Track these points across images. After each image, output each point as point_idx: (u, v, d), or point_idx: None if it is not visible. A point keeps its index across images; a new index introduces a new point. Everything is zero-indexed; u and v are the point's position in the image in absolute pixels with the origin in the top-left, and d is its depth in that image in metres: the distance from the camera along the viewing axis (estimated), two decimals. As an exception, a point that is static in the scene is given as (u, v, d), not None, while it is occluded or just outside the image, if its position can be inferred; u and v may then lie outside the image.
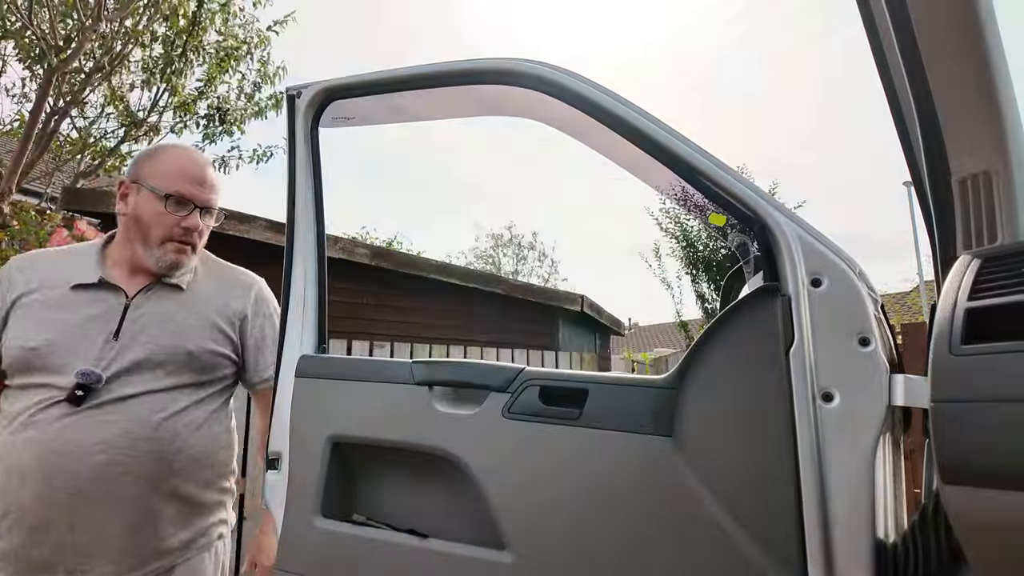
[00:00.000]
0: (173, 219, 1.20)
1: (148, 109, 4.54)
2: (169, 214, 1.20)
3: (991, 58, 0.84)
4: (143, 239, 1.20)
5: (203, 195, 1.24)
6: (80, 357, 1.11)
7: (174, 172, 1.22)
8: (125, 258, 1.21)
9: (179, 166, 1.23)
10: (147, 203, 1.20)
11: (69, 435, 1.08)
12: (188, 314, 1.25)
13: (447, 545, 1.15)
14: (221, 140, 4.76)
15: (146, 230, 1.20)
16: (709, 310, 9.33)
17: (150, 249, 1.20)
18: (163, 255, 1.21)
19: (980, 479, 0.71)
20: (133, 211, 1.20)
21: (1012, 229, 0.89)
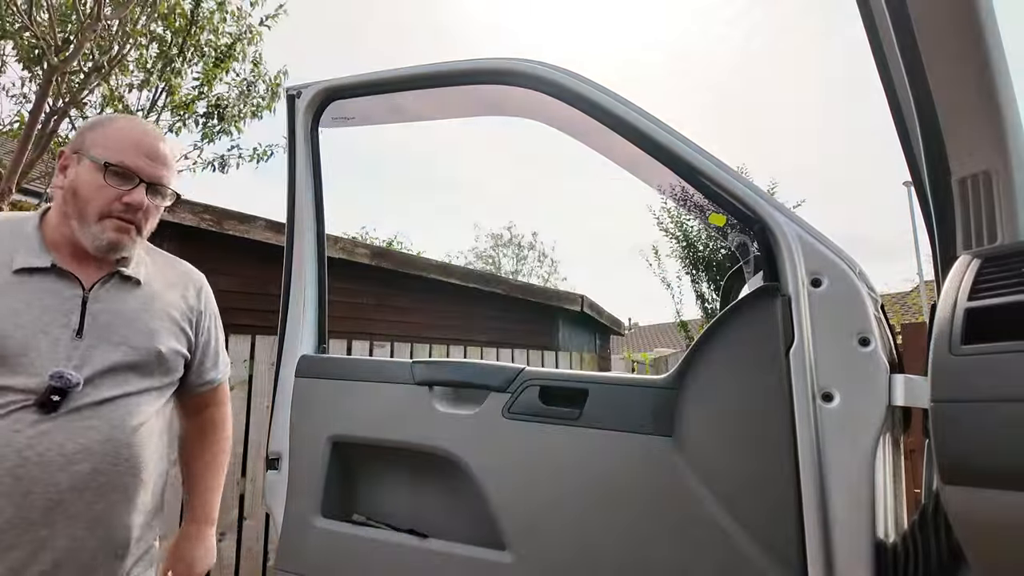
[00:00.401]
0: (113, 192, 1.05)
1: (147, 109, 4.54)
2: (109, 187, 1.05)
3: (991, 58, 0.84)
4: (79, 214, 1.04)
5: (151, 169, 1.08)
6: (44, 356, 0.98)
7: (120, 142, 1.07)
8: (64, 237, 1.06)
9: (126, 136, 1.08)
10: (86, 174, 1.05)
11: (47, 443, 0.95)
12: (154, 312, 1.13)
13: (447, 545, 1.15)
14: (219, 139, 4.77)
15: (83, 204, 1.04)
16: (709, 310, 9.33)
17: (86, 226, 1.04)
18: (100, 233, 1.04)
19: (980, 479, 0.71)
20: (71, 183, 1.06)
21: (1012, 229, 0.89)
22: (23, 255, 1.02)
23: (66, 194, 1.06)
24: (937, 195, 0.96)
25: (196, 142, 4.76)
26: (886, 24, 0.92)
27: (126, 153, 1.07)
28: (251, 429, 3.16)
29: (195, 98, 4.55)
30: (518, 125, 4.96)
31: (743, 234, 1.47)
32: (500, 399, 1.15)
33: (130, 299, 1.11)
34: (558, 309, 5.32)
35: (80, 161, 1.06)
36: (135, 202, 1.07)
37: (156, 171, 1.10)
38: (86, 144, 1.07)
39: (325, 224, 1.45)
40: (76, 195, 1.05)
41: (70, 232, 1.05)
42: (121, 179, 1.06)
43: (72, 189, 1.05)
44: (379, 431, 1.26)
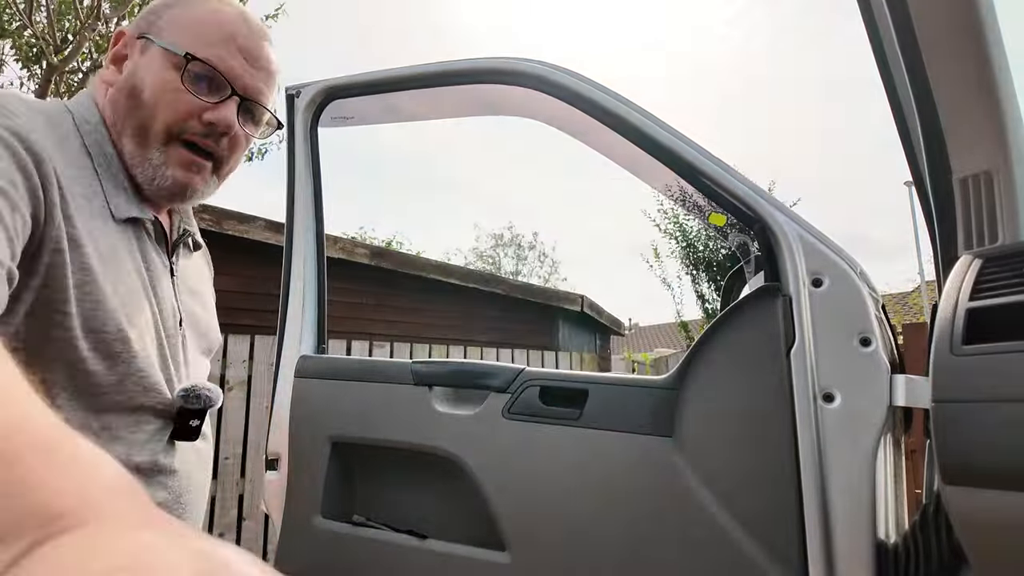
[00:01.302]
0: (191, 102, 0.69)
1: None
2: (186, 92, 0.68)
3: (992, 57, 0.84)
4: (138, 128, 0.68)
5: (250, 78, 0.72)
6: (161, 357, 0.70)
7: (211, 30, 0.71)
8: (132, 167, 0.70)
9: (220, 22, 0.71)
10: (156, 68, 0.68)
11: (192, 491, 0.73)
12: (208, 291, 0.87)
13: (447, 546, 1.14)
14: None
15: (144, 113, 0.68)
16: (710, 310, 9.33)
17: (145, 148, 0.68)
18: (161, 162, 0.69)
19: (981, 479, 0.70)
20: (128, 79, 0.69)
21: (1013, 229, 0.89)
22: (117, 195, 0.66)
23: (117, 95, 0.69)
24: (938, 195, 0.96)
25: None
26: (887, 23, 0.92)
27: (217, 47, 0.70)
28: (250, 429, 3.16)
29: None
30: (518, 125, 4.97)
31: (743, 234, 1.47)
32: (500, 399, 1.15)
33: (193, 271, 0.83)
34: (558, 309, 5.32)
35: (147, 49, 0.69)
36: (221, 121, 0.70)
37: (255, 82, 0.73)
38: (159, 24, 0.70)
39: (324, 224, 1.45)
40: (134, 94, 0.68)
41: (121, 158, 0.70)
42: (207, 85, 0.69)
43: (129, 87, 0.68)
44: (379, 431, 1.25)
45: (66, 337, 0.59)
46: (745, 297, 1.03)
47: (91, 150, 0.67)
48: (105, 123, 0.70)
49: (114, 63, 0.72)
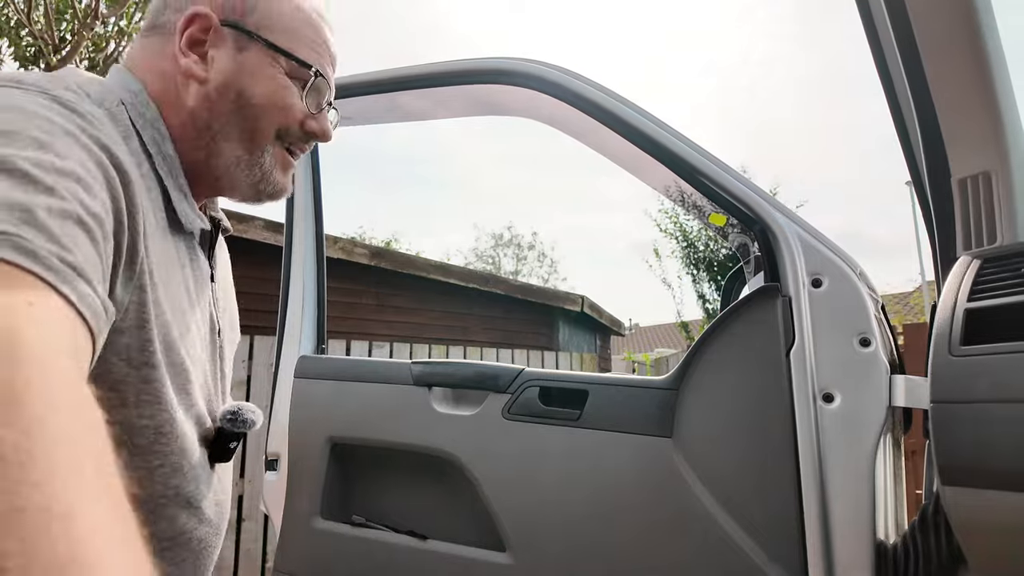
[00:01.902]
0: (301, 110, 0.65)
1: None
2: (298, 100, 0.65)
3: (990, 58, 0.84)
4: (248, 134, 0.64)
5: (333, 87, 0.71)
6: (199, 369, 0.63)
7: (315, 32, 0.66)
8: (192, 167, 0.63)
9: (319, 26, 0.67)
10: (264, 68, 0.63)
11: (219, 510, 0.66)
12: (231, 295, 0.81)
13: (446, 546, 1.14)
14: None
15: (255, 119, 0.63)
16: (710, 310, 9.33)
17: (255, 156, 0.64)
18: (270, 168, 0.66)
19: (980, 480, 0.70)
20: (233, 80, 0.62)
21: (1012, 229, 0.89)
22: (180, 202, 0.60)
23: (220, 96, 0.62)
24: (937, 195, 0.96)
25: None
26: (885, 23, 0.92)
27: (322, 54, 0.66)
28: (250, 429, 3.15)
29: None
30: (518, 124, 4.94)
31: (743, 234, 1.47)
32: (500, 400, 1.15)
33: (224, 266, 0.78)
34: (558, 309, 5.32)
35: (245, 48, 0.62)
36: (324, 132, 0.68)
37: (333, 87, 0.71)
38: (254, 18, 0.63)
39: (324, 224, 1.45)
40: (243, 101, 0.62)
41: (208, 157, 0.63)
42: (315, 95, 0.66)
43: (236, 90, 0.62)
44: (378, 432, 1.25)
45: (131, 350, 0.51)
46: (745, 297, 1.03)
47: (150, 149, 0.58)
48: (163, 118, 0.61)
49: (193, 48, 0.62)
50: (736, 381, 1.00)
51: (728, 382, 1.01)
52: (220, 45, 0.62)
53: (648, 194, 15.79)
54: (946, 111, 0.90)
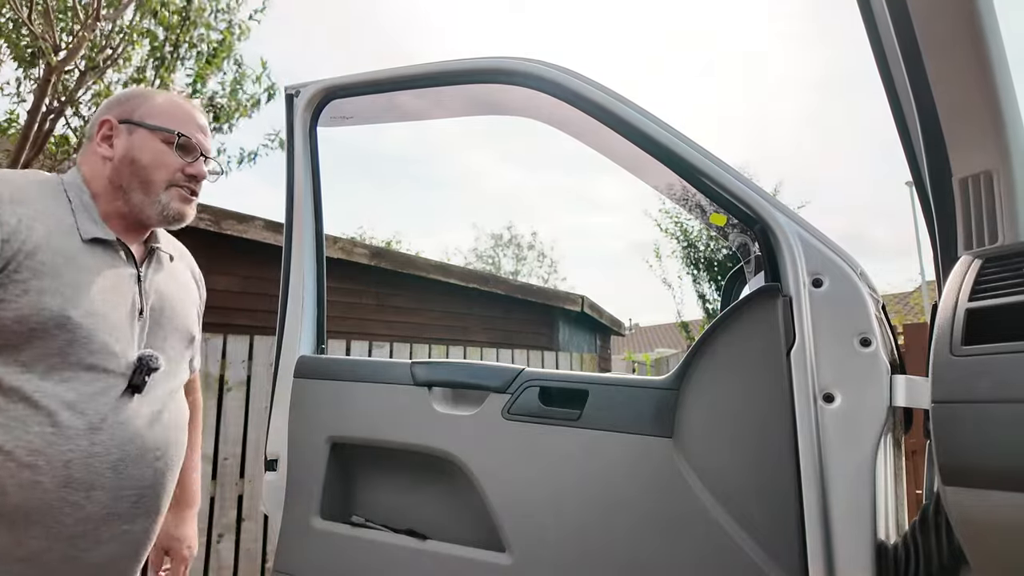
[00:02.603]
0: (179, 162, 1.05)
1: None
2: (175, 156, 1.04)
3: (992, 57, 0.84)
4: (143, 185, 1.02)
5: (205, 143, 1.10)
6: (119, 335, 0.94)
7: (178, 114, 1.07)
8: (115, 210, 1.02)
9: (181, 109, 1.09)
10: (146, 143, 1.03)
11: (144, 437, 0.95)
12: (185, 294, 1.13)
13: (446, 546, 1.14)
14: (215, 136, 4.77)
15: (146, 174, 1.02)
16: (710, 310, 9.33)
17: (153, 196, 1.02)
18: (168, 202, 1.03)
19: (981, 480, 0.70)
20: (127, 154, 1.02)
21: (1013, 229, 0.89)
22: (88, 224, 0.96)
23: (119, 166, 1.02)
24: (938, 195, 0.96)
25: None
26: (886, 22, 0.92)
27: (187, 125, 1.07)
28: (249, 430, 3.16)
29: (190, 95, 4.54)
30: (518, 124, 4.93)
31: (744, 234, 1.47)
32: (500, 400, 1.15)
33: (168, 278, 1.10)
34: (558, 309, 5.32)
35: (133, 131, 1.03)
36: (200, 173, 1.08)
37: (208, 144, 1.11)
38: (137, 114, 1.05)
39: (324, 223, 1.45)
40: (136, 164, 1.02)
41: (125, 204, 1.02)
42: (185, 151, 1.06)
43: (129, 159, 1.02)
44: (378, 432, 1.25)
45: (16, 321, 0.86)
46: (745, 297, 1.03)
47: (71, 198, 0.99)
48: (85, 181, 1.03)
49: (104, 141, 1.04)
50: (736, 381, 1.00)
51: (728, 382, 1.01)
52: (119, 135, 1.04)
53: (648, 194, 15.80)
54: (947, 110, 0.90)
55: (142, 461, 0.95)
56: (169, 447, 1.02)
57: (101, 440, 0.89)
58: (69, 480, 0.86)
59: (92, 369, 0.91)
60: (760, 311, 1.00)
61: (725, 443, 0.99)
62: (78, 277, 0.91)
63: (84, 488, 0.88)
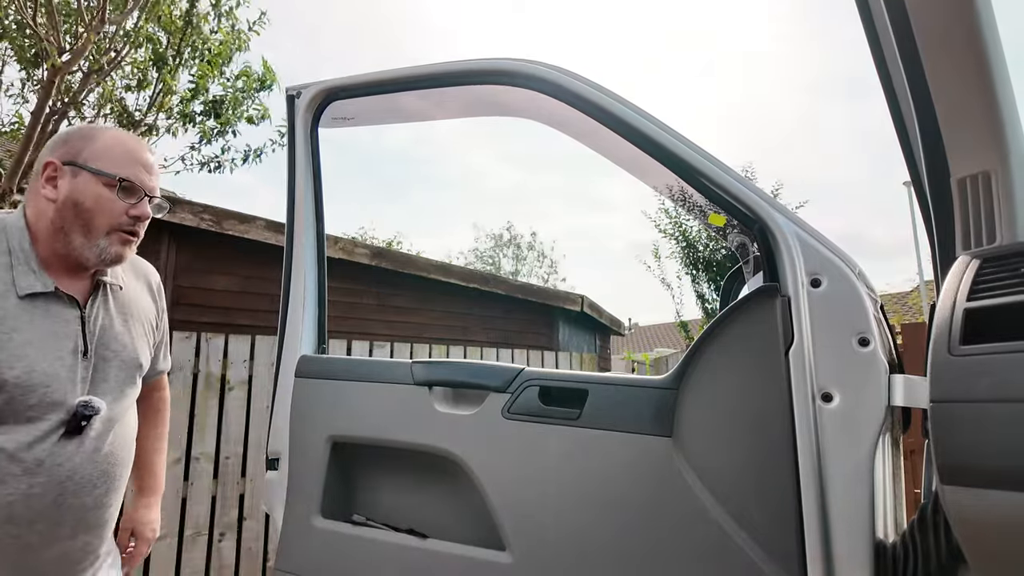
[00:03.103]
0: (122, 206, 1.05)
1: (145, 110, 4.53)
2: (118, 200, 1.05)
3: (990, 58, 0.84)
4: (85, 228, 1.03)
5: (151, 181, 1.10)
6: (65, 383, 1.00)
7: (121, 155, 1.07)
8: (55, 253, 1.03)
9: (125, 148, 1.08)
10: (89, 187, 1.03)
11: (83, 472, 1.02)
12: (132, 322, 1.17)
13: (447, 545, 1.15)
14: (217, 140, 4.76)
15: (89, 218, 1.03)
16: (709, 310, 9.32)
17: (92, 241, 1.04)
18: (107, 246, 1.05)
19: (979, 479, 0.71)
20: (69, 196, 1.02)
21: (1011, 229, 0.89)
22: (25, 277, 0.99)
23: (62, 208, 1.03)
24: (936, 195, 0.96)
25: (194, 143, 4.76)
26: (884, 23, 0.92)
27: (130, 167, 1.07)
28: (251, 429, 3.16)
29: (191, 98, 4.54)
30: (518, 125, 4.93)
31: (743, 234, 1.47)
32: (500, 399, 1.15)
33: (114, 310, 1.13)
34: (558, 309, 5.32)
35: (77, 174, 1.04)
36: (143, 214, 1.09)
37: (153, 182, 1.11)
38: (82, 157, 1.05)
39: (325, 224, 1.45)
40: (78, 208, 1.03)
41: (65, 247, 1.03)
42: (128, 193, 1.06)
43: (71, 202, 1.03)
44: (379, 431, 1.26)
45: None
46: (744, 297, 1.04)
47: (11, 247, 1.00)
48: (28, 224, 1.04)
49: (48, 183, 1.05)
50: (735, 381, 1.00)
51: (727, 381, 1.01)
52: (63, 177, 1.04)
53: (648, 194, 15.78)
54: (946, 111, 0.90)
55: (82, 492, 1.02)
56: (113, 469, 1.08)
57: (39, 482, 0.96)
58: (11, 518, 0.95)
59: (31, 420, 0.96)
60: (759, 311, 1.00)
61: (724, 442, 0.99)
62: (14, 336, 0.96)
63: (25, 523, 0.96)
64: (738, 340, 1.02)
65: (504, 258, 23.07)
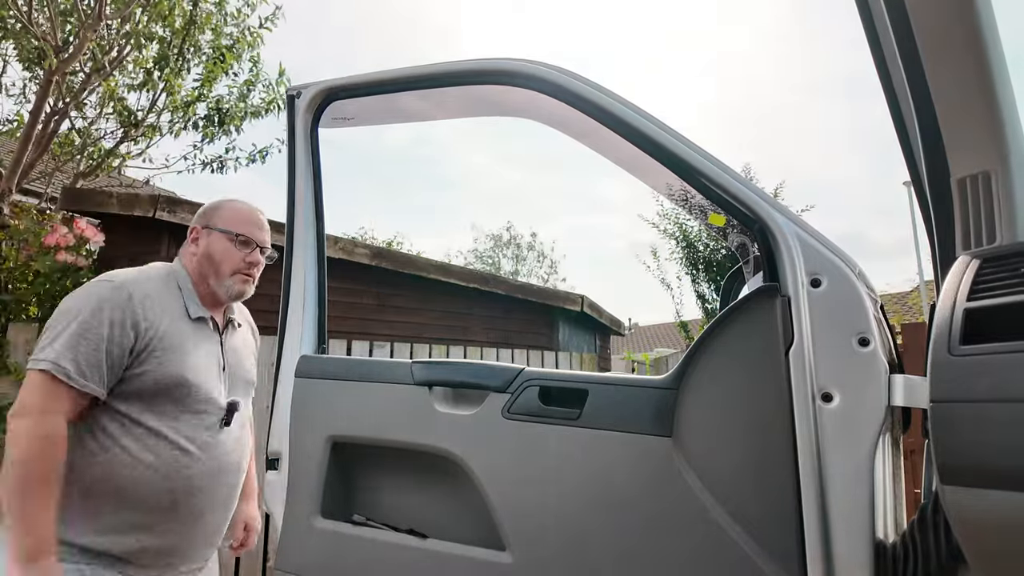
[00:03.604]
0: (240, 255, 1.41)
1: (147, 110, 4.53)
2: (237, 251, 1.41)
3: (990, 58, 0.84)
4: (215, 272, 1.39)
5: (262, 236, 1.46)
6: (212, 387, 1.32)
7: (239, 218, 1.44)
8: (202, 293, 1.40)
9: (244, 214, 1.45)
10: (218, 242, 1.41)
11: (230, 458, 1.33)
12: (248, 351, 1.54)
13: (447, 545, 1.15)
14: (219, 140, 4.75)
15: (217, 265, 1.39)
16: (709, 310, 9.32)
17: (221, 281, 1.40)
18: (232, 285, 1.40)
19: (979, 479, 0.71)
20: (205, 250, 1.41)
21: (1011, 229, 0.89)
22: (192, 306, 1.36)
23: (201, 259, 1.40)
24: (936, 195, 0.96)
25: (196, 143, 4.75)
26: (884, 23, 0.92)
27: (245, 226, 1.43)
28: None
29: (195, 99, 4.54)
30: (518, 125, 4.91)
31: (743, 235, 1.47)
32: (500, 399, 1.16)
33: (238, 341, 1.49)
34: (558, 309, 5.32)
35: (210, 234, 1.42)
36: (256, 261, 1.44)
37: (263, 237, 1.46)
38: (212, 221, 1.43)
39: (325, 224, 1.46)
40: (211, 258, 1.40)
41: (206, 287, 1.40)
42: (244, 245, 1.42)
43: (207, 256, 1.40)
44: (379, 431, 1.26)
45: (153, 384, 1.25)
46: (744, 297, 1.04)
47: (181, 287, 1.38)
48: (188, 271, 1.41)
49: (192, 243, 1.43)
50: (735, 380, 1.00)
51: (727, 381, 1.01)
52: (202, 237, 1.43)
53: (648, 195, 15.77)
54: (946, 111, 0.90)
55: (229, 473, 1.33)
56: (243, 460, 1.39)
57: (206, 459, 1.28)
58: (190, 486, 1.25)
59: (199, 413, 1.28)
60: (759, 311, 1.00)
61: (724, 442, 0.99)
62: (189, 349, 1.30)
63: (196, 491, 1.26)
64: (738, 340, 1.02)
65: (504, 258, 23.06)
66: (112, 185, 5.51)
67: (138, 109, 4.59)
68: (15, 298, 3.08)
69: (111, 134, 4.81)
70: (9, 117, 4.39)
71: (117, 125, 4.69)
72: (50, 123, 3.93)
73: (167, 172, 5.01)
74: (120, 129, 4.67)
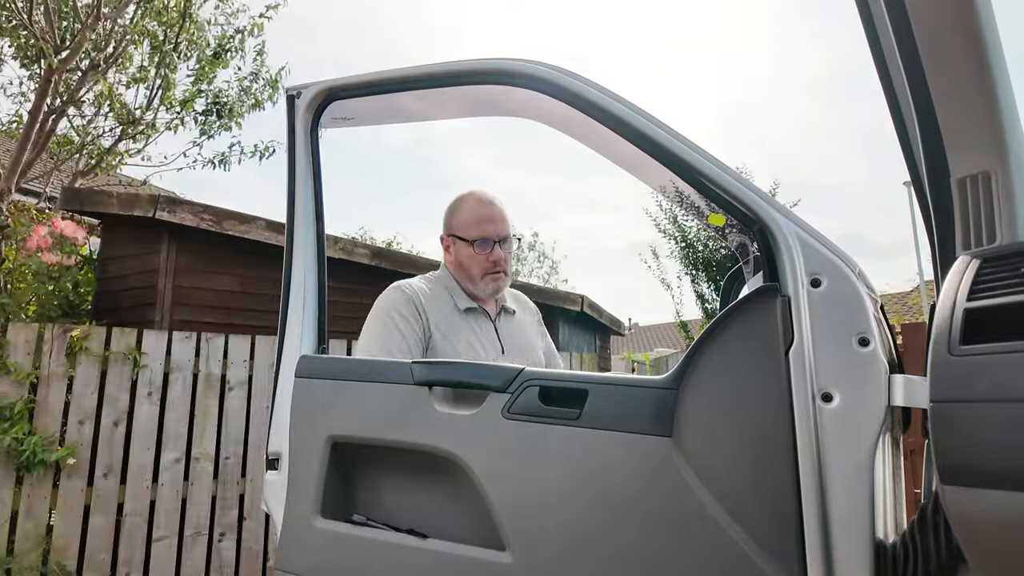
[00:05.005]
0: (483, 257, 1.50)
1: (144, 107, 4.53)
2: (478, 254, 1.50)
3: (990, 58, 0.84)
4: (469, 278, 1.53)
5: (496, 229, 1.52)
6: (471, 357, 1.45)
7: (472, 219, 1.52)
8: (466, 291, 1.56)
9: (475, 214, 1.53)
10: (462, 250, 1.53)
11: None
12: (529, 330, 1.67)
13: (447, 545, 1.15)
14: (219, 135, 4.74)
15: (468, 271, 1.52)
16: (709, 310, 9.32)
17: (476, 284, 1.53)
18: (485, 286, 1.53)
19: (979, 479, 0.71)
20: (455, 258, 1.55)
21: (1011, 229, 0.89)
22: (460, 300, 1.52)
23: (456, 267, 1.56)
24: (936, 195, 0.96)
25: (195, 139, 4.75)
26: (884, 23, 0.92)
27: (480, 227, 1.51)
28: (250, 429, 3.16)
29: (193, 95, 4.53)
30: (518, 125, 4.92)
31: (743, 234, 1.47)
32: (500, 399, 1.15)
33: (515, 324, 1.63)
34: (558, 309, 5.32)
35: (455, 243, 1.54)
36: (498, 258, 1.53)
37: (500, 229, 1.54)
38: (453, 228, 1.55)
39: (325, 224, 1.45)
40: (462, 266, 1.54)
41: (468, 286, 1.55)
42: (483, 246, 1.50)
43: (458, 263, 1.55)
44: (379, 431, 1.26)
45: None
46: (744, 297, 1.04)
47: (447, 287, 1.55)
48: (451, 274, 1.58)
49: (446, 251, 1.60)
50: (735, 380, 1.00)
51: (727, 381, 1.01)
52: (451, 243, 1.57)
53: (648, 194, 15.76)
54: (946, 111, 0.90)
55: None
56: None
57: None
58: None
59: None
60: (759, 311, 1.00)
61: (724, 442, 0.99)
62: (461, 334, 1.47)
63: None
64: (738, 340, 1.02)
65: (504, 258, 23.02)
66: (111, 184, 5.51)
67: (136, 107, 4.59)
68: (15, 298, 3.08)
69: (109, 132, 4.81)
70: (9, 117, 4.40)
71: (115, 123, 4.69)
72: (48, 122, 3.93)
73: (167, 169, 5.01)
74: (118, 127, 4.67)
